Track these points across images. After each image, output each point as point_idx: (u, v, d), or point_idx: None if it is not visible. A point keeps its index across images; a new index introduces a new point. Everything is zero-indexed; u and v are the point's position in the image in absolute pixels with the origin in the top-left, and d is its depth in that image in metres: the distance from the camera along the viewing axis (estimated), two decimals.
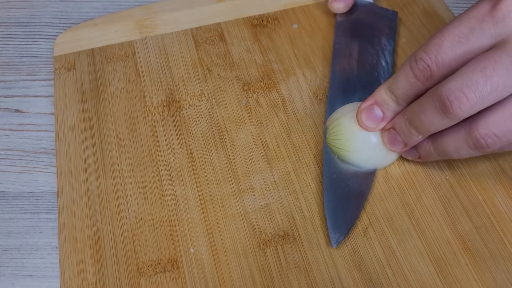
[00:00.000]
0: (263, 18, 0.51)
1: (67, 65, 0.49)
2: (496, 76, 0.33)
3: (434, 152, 0.38)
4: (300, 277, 0.37)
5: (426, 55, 0.35)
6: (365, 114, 0.39)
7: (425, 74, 0.35)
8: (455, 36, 0.35)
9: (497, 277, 0.36)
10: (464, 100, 0.33)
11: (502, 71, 0.33)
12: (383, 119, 0.39)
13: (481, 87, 0.33)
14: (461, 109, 0.33)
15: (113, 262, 0.39)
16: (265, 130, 0.44)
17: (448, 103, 0.34)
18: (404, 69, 0.37)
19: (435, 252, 0.37)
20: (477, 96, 0.33)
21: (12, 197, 0.43)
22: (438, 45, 0.35)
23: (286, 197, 0.41)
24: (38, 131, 0.47)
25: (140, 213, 0.40)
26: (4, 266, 0.40)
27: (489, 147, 0.35)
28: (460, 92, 0.33)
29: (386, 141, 0.40)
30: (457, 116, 0.34)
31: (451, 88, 0.34)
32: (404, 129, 0.38)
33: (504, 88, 0.33)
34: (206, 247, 0.39)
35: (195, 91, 0.47)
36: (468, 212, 0.39)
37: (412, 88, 0.37)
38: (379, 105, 0.39)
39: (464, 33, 0.35)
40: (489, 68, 0.33)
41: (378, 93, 0.39)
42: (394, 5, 0.51)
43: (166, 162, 0.43)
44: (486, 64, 0.33)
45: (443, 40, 0.35)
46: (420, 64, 0.35)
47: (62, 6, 0.55)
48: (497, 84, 0.33)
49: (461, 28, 0.35)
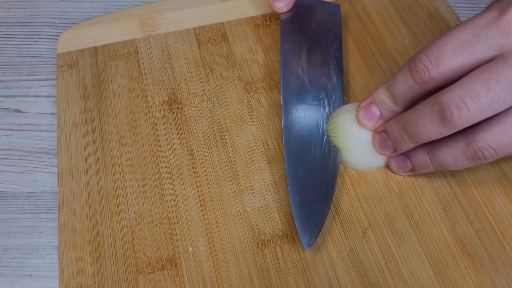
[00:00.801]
0: (266, 18, 0.51)
1: (70, 62, 0.49)
2: (498, 88, 0.32)
3: (431, 164, 0.38)
4: (298, 277, 0.37)
5: (426, 58, 0.35)
6: (363, 112, 0.39)
7: (423, 77, 0.35)
8: (458, 41, 0.34)
9: (496, 281, 0.36)
10: (465, 110, 0.33)
11: (504, 84, 0.32)
12: (380, 118, 0.39)
13: (482, 99, 0.33)
14: (460, 119, 0.33)
15: (112, 260, 0.39)
16: (266, 130, 0.44)
17: (449, 111, 0.33)
18: (403, 70, 0.36)
19: (434, 255, 0.37)
20: (477, 108, 0.33)
21: (12, 197, 0.43)
22: (440, 48, 0.35)
23: (286, 197, 0.41)
24: (38, 131, 0.47)
25: (140, 212, 0.40)
26: (4, 266, 0.40)
27: (486, 159, 0.35)
28: (461, 102, 0.33)
29: (376, 144, 0.40)
30: (455, 126, 0.34)
31: (452, 97, 0.33)
32: (396, 135, 0.38)
33: (504, 102, 0.33)
34: (205, 246, 0.39)
35: (197, 90, 0.47)
36: (468, 215, 0.39)
37: (409, 90, 0.36)
38: (377, 104, 0.39)
39: (468, 39, 0.34)
40: (492, 80, 0.33)
41: (377, 92, 0.39)
42: (397, 6, 0.51)
43: (167, 161, 0.43)
44: (490, 75, 0.33)
45: (446, 43, 0.35)
46: (419, 67, 0.35)
47: (62, 6, 0.55)
48: (498, 97, 0.33)
49: (465, 33, 0.34)
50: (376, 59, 0.48)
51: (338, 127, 0.41)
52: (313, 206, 0.39)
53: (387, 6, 0.52)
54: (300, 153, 0.41)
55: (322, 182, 0.40)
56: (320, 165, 0.40)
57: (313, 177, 0.40)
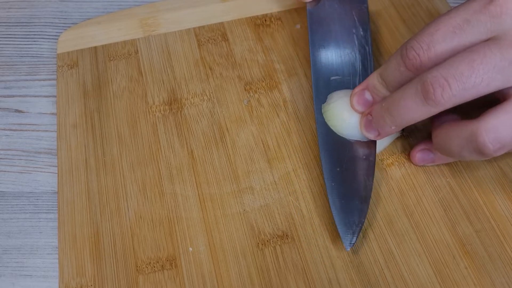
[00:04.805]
0: (266, 18, 0.51)
1: (70, 62, 0.49)
2: (482, 70, 0.33)
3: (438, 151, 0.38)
4: (298, 277, 0.37)
5: (418, 44, 0.35)
6: (357, 97, 0.40)
7: (414, 63, 0.35)
8: (450, 26, 0.35)
9: (496, 281, 0.36)
10: (447, 89, 0.33)
11: (489, 66, 0.33)
12: (373, 104, 0.39)
13: (465, 78, 0.33)
14: (443, 97, 0.33)
15: (112, 260, 0.39)
16: (266, 130, 0.44)
17: (432, 89, 0.34)
18: (395, 57, 0.37)
19: (434, 255, 0.37)
20: (460, 87, 0.33)
21: (12, 197, 0.43)
22: (431, 34, 0.35)
23: (286, 197, 0.41)
24: (38, 131, 0.47)
25: (140, 212, 0.40)
26: (4, 266, 0.40)
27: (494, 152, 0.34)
28: (445, 81, 0.33)
29: (362, 126, 0.40)
30: (437, 104, 0.34)
31: (436, 76, 0.34)
32: (378, 116, 0.38)
33: (488, 83, 0.33)
34: (205, 246, 0.39)
35: (197, 90, 0.47)
36: (468, 215, 0.39)
37: (401, 76, 0.37)
38: (370, 90, 0.39)
39: (459, 24, 0.34)
40: (477, 61, 0.33)
41: (371, 78, 0.39)
42: (397, 6, 0.51)
43: (167, 161, 0.43)
44: (475, 57, 0.33)
45: (437, 29, 0.35)
46: (410, 53, 0.35)
47: (62, 6, 0.55)
48: (482, 78, 0.33)
49: (456, 19, 0.34)
50: (376, 59, 0.48)
51: (331, 115, 0.41)
52: (352, 204, 0.38)
53: (387, 6, 0.52)
54: (335, 149, 0.41)
55: (359, 178, 0.40)
56: (355, 160, 0.40)
57: (350, 173, 0.40)
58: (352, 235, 0.37)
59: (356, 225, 0.37)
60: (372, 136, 0.40)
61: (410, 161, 0.42)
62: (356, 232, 0.37)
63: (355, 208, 0.38)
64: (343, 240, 0.37)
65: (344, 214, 0.38)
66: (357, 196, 0.38)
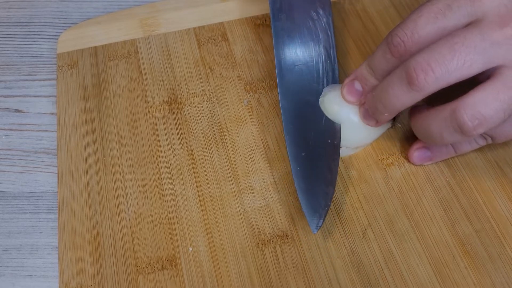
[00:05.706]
0: (266, 18, 0.51)
1: (70, 62, 0.49)
2: (464, 52, 0.33)
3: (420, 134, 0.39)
4: (298, 277, 0.37)
5: (402, 31, 0.36)
6: (347, 88, 0.41)
7: (399, 50, 0.36)
8: (432, 12, 0.35)
9: (496, 281, 0.36)
10: (430, 73, 0.34)
11: (470, 48, 0.33)
12: (363, 94, 0.40)
13: (447, 61, 0.33)
14: (426, 82, 0.34)
15: (111, 260, 0.39)
16: (266, 130, 0.44)
17: (415, 74, 0.34)
18: (382, 45, 0.37)
19: (434, 255, 0.37)
20: (442, 70, 0.33)
21: (12, 197, 0.43)
22: (414, 20, 0.36)
23: (286, 197, 0.41)
24: (38, 131, 0.47)
25: (140, 212, 0.40)
26: (4, 266, 0.40)
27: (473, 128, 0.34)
28: (428, 66, 0.34)
29: (361, 116, 0.41)
30: (422, 89, 0.34)
31: (419, 61, 0.34)
32: (371, 105, 0.39)
33: (471, 65, 0.33)
34: (205, 246, 0.39)
35: (197, 90, 0.47)
36: (468, 215, 0.39)
37: (388, 64, 0.37)
38: (359, 80, 0.40)
39: (441, 9, 0.35)
40: (458, 44, 0.33)
41: (359, 68, 0.40)
42: (397, 6, 0.51)
43: (167, 161, 0.43)
44: (456, 40, 0.33)
45: (420, 16, 0.35)
46: (395, 40, 0.36)
47: (62, 6, 0.55)
48: (464, 60, 0.33)
49: (438, 5, 0.35)
50: None
51: (324, 108, 0.42)
52: (317, 188, 0.39)
53: (387, 6, 0.52)
54: (300, 134, 0.41)
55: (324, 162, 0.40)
56: (320, 145, 0.41)
57: (314, 157, 0.40)
58: (318, 218, 0.38)
59: (322, 208, 0.38)
60: (372, 124, 0.41)
61: (409, 162, 0.42)
62: (323, 215, 0.38)
63: (321, 192, 0.39)
64: (310, 223, 0.38)
65: (310, 197, 0.38)
66: (322, 179, 0.39)
